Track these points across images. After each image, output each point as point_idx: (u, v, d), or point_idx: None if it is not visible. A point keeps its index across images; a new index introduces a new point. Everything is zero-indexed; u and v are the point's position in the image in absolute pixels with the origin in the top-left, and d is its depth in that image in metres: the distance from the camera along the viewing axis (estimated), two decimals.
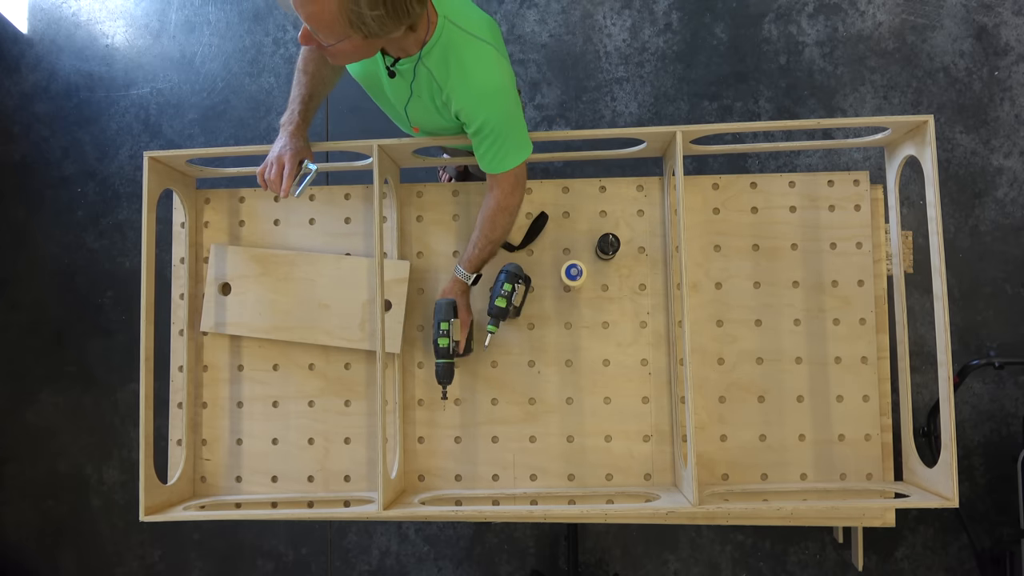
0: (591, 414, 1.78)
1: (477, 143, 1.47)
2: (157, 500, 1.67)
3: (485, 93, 1.37)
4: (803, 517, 1.80)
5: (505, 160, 1.48)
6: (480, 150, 1.48)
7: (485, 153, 1.48)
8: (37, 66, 2.90)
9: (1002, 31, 2.60)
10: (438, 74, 1.37)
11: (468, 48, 1.34)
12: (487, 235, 1.59)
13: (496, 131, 1.43)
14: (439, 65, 1.35)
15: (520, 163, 1.49)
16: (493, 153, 1.47)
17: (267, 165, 1.52)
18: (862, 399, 1.74)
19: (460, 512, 1.67)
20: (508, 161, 1.48)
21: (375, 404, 1.80)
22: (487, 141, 1.45)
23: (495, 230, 1.59)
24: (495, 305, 1.65)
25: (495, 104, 1.39)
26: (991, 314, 2.51)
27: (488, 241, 1.60)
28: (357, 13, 1.13)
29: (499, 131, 1.43)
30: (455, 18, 1.33)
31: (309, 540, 2.61)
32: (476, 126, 1.42)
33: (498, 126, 1.42)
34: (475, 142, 1.48)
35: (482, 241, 1.60)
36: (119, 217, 2.79)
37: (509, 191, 1.53)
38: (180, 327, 1.85)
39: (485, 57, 1.35)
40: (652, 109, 2.67)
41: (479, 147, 1.47)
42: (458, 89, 1.37)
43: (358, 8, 1.12)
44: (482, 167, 1.51)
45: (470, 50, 1.34)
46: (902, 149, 1.69)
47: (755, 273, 1.79)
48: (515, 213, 1.58)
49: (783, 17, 2.67)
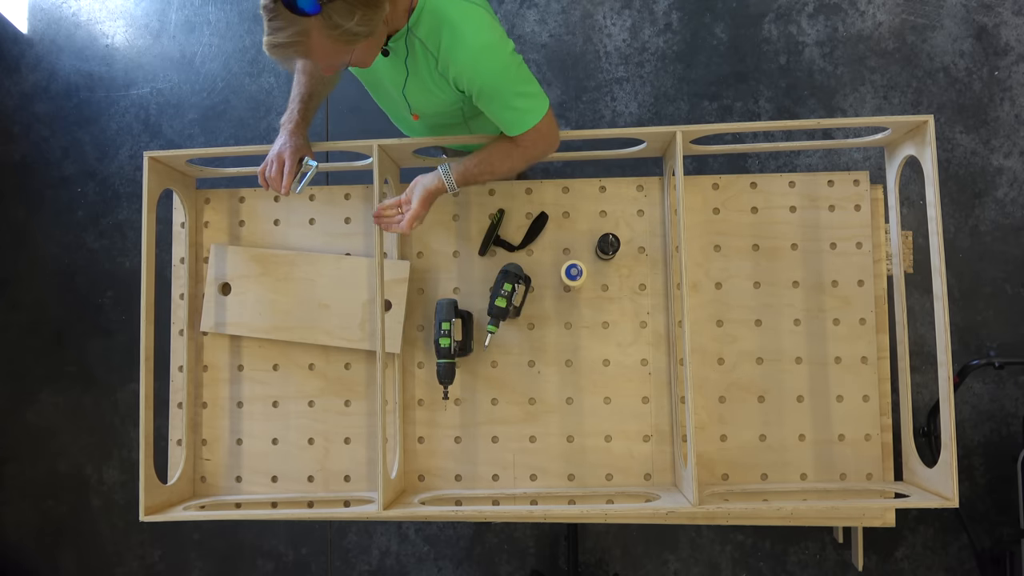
0: (591, 414, 1.78)
1: (490, 108, 1.40)
2: (157, 500, 1.67)
3: (480, 50, 1.32)
4: (803, 517, 1.80)
5: (524, 118, 1.41)
6: (495, 115, 1.42)
7: (502, 117, 1.41)
8: (37, 66, 2.90)
9: (1002, 31, 2.60)
10: (431, 43, 1.33)
11: (455, 9, 1.30)
12: (489, 160, 1.50)
13: (502, 89, 1.36)
14: (430, 33, 1.32)
15: (539, 119, 1.41)
16: (510, 115, 1.40)
17: (267, 163, 1.52)
18: (862, 399, 1.74)
19: (460, 512, 1.67)
20: (527, 119, 1.41)
21: (375, 404, 1.80)
22: (497, 103, 1.38)
23: (503, 162, 1.50)
24: (495, 305, 1.64)
25: (493, 60, 1.33)
26: (991, 314, 2.51)
27: (489, 166, 1.51)
28: (345, 32, 1.14)
29: (505, 88, 1.37)
30: None
31: (309, 540, 2.61)
32: (479, 87, 1.35)
33: (502, 83, 1.36)
34: (487, 108, 1.41)
35: (483, 165, 1.51)
36: (119, 217, 2.79)
37: (530, 144, 1.47)
38: (180, 327, 1.85)
39: (474, 16, 1.31)
40: (652, 109, 2.67)
41: (493, 112, 1.41)
42: (452, 52, 1.32)
43: (342, 28, 1.14)
44: (506, 132, 1.45)
45: (457, 11, 1.30)
46: (902, 149, 1.69)
47: (755, 273, 1.79)
48: (530, 161, 1.50)
49: (783, 17, 2.67)
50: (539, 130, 1.44)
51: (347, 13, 1.12)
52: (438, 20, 1.31)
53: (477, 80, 1.35)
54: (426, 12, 1.30)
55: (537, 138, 1.46)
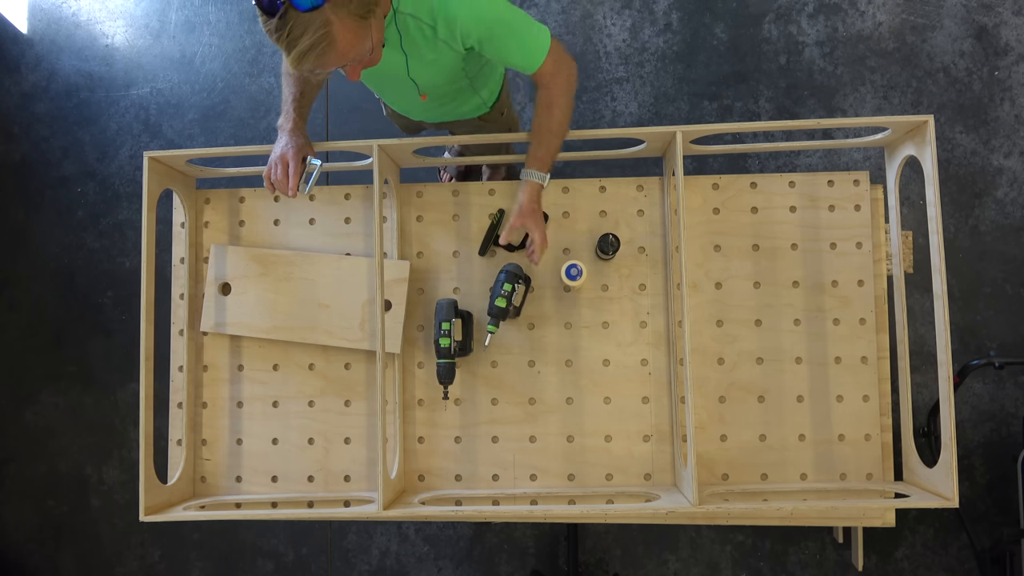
0: (591, 414, 1.78)
1: (498, 50, 1.40)
2: (157, 500, 1.67)
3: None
4: (803, 517, 1.80)
5: (535, 49, 1.41)
6: (506, 55, 1.41)
7: (512, 54, 1.41)
8: (37, 66, 2.90)
9: (1002, 31, 2.60)
10: (423, 13, 1.32)
11: None
12: (548, 128, 1.52)
13: (503, 24, 1.37)
14: (417, 4, 1.31)
15: (549, 45, 1.42)
16: (519, 49, 1.40)
17: (272, 166, 1.52)
18: (862, 399, 1.74)
19: (460, 512, 1.67)
20: (538, 49, 1.41)
21: (375, 404, 1.80)
22: (504, 40, 1.38)
23: (553, 120, 1.51)
24: (495, 305, 1.64)
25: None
26: (991, 314, 2.51)
27: (550, 133, 1.53)
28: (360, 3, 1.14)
29: (506, 22, 1.37)
30: None
31: (309, 540, 2.61)
32: (486, 33, 1.35)
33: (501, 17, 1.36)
34: (494, 51, 1.40)
35: (544, 135, 1.53)
36: (119, 217, 2.79)
37: (551, 76, 1.46)
38: (180, 327, 1.85)
39: None
40: (652, 109, 2.67)
41: (503, 52, 1.41)
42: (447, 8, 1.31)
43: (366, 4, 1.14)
44: (522, 70, 1.44)
45: None
46: (902, 149, 1.69)
47: (755, 273, 1.79)
48: (568, 96, 1.49)
49: (783, 17, 2.67)
50: (554, 56, 1.43)
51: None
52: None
53: (479, 23, 1.34)
54: None
55: (557, 65, 1.45)
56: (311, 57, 1.14)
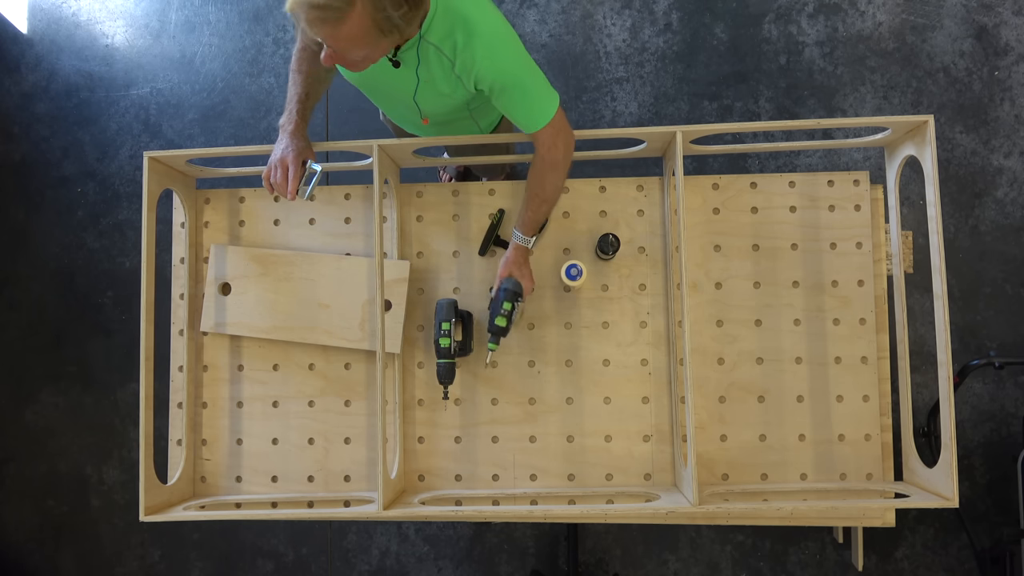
0: (591, 414, 1.78)
1: (506, 103, 1.43)
2: (157, 500, 1.67)
3: (496, 45, 1.34)
4: (803, 517, 1.80)
5: (541, 112, 1.43)
6: (513, 110, 1.44)
7: (518, 111, 1.44)
8: (37, 66, 2.90)
9: (1002, 31, 2.60)
10: (446, 47, 1.33)
11: (466, 8, 1.31)
12: (538, 194, 1.56)
13: (519, 81, 1.39)
14: (444, 37, 1.32)
15: (554, 113, 1.44)
16: (527, 108, 1.43)
17: (271, 168, 1.52)
18: (862, 399, 1.74)
19: (460, 512, 1.67)
20: (543, 113, 1.44)
21: (375, 404, 1.80)
22: (516, 96, 1.41)
23: (544, 187, 1.55)
24: (495, 324, 1.64)
25: (508, 52, 1.36)
26: (991, 314, 2.51)
27: (540, 200, 1.57)
28: (387, 19, 1.13)
29: (522, 80, 1.39)
30: None
31: (309, 540, 2.61)
32: (500, 83, 1.37)
33: (519, 75, 1.39)
34: (503, 103, 1.43)
35: (534, 201, 1.57)
36: (119, 217, 2.79)
37: (550, 144, 1.48)
38: (180, 327, 1.85)
39: (485, 12, 1.33)
40: (652, 109, 2.67)
41: (510, 107, 1.43)
42: (469, 50, 1.32)
43: (386, 13, 1.12)
44: (523, 128, 1.47)
45: (469, 9, 1.31)
46: (902, 149, 1.69)
47: (755, 273, 1.79)
48: (563, 166, 1.52)
49: (783, 17, 2.67)
50: (553, 126, 1.45)
51: (396, 2, 1.11)
52: (451, 20, 1.30)
53: (497, 73, 1.36)
54: (439, 15, 1.30)
55: (553, 135, 1.47)
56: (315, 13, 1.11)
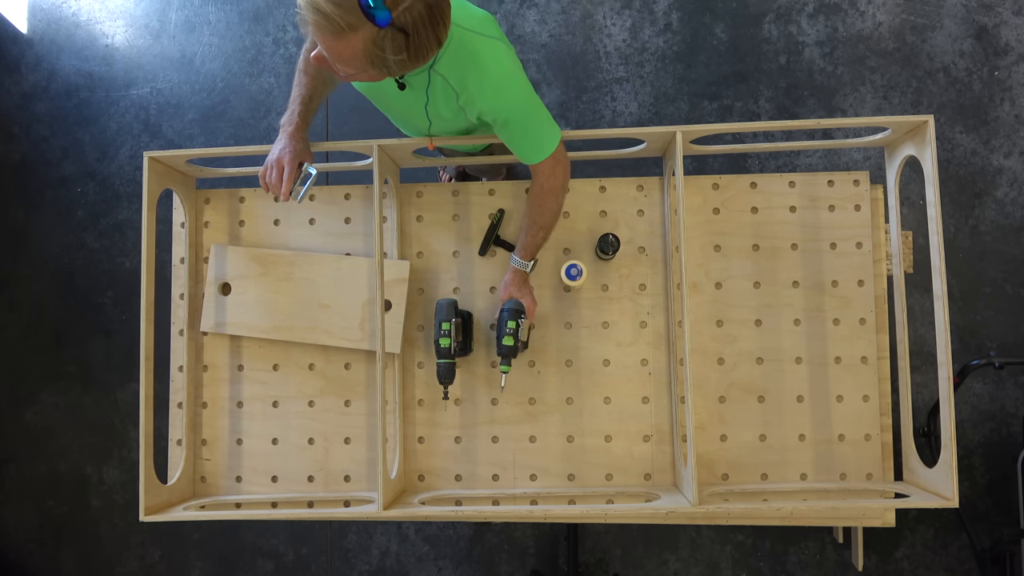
0: (591, 414, 1.78)
1: (509, 138, 1.47)
2: (157, 500, 1.67)
3: (504, 85, 1.37)
4: (803, 517, 1.80)
5: (542, 147, 1.48)
6: (515, 144, 1.48)
7: (520, 146, 1.48)
8: (37, 66, 2.90)
9: (1002, 31, 2.60)
10: (453, 79, 1.36)
11: (478, 46, 1.33)
12: (536, 221, 1.59)
13: (524, 119, 1.43)
14: (452, 70, 1.34)
15: (554, 147, 1.48)
16: (529, 144, 1.47)
17: (267, 168, 1.52)
18: (862, 399, 1.74)
19: (460, 512, 1.67)
20: (544, 148, 1.48)
21: (375, 404, 1.80)
22: (518, 132, 1.45)
23: (543, 214, 1.58)
24: (503, 345, 1.64)
25: (515, 93, 1.39)
26: (991, 314, 2.51)
27: (539, 227, 1.60)
28: (381, 57, 1.12)
29: (526, 119, 1.43)
30: (458, 19, 1.32)
31: (309, 540, 2.61)
32: (503, 119, 1.41)
33: (524, 114, 1.42)
34: (506, 137, 1.47)
35: (533, 228, 1.60)
36: (119, 217, 2.79)
37: (549, 173, 1.52)
38: (180, 327, 1.85)
39: (496, 52, 1.35)
40: (652, 109, 2.67)
41: (512, 142, 1.48)
42: (478, 89, 1.36)
43: (383, 54, 1.12)
44: (523, 160, 1.51)
45: (481, 47, 1.33)
46: (902, 149, 1.69)
47: (755, 273, 1.79)
48: (561, 194, 1.56)
49: (783, 17, 2.67)
50: (556, 158, 1.50)
51: (396, 48, 1.11)
52: (462, 56, 1.32)
53: (503, 111, 1.40)
54: (451, 48, 1.31)
55: (553, 164, 1.51)
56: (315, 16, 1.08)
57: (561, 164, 1.53)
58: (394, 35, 1.09)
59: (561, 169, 1.53)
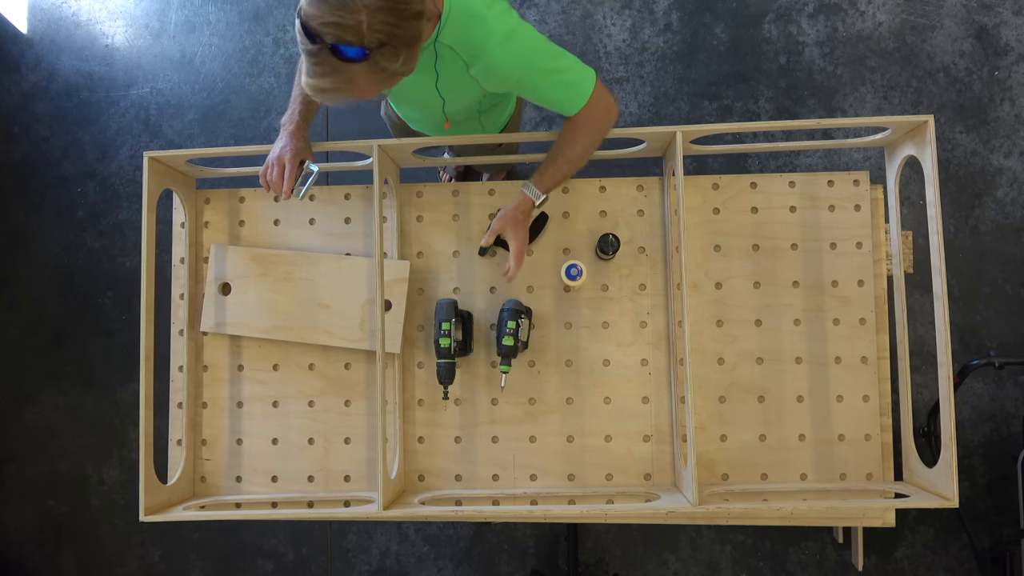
0: (591, 414, 1.78)
1: (536, 93, 1.39)
2: (157, 500, 1.67)
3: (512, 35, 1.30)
4: (803, 517, 1.80)
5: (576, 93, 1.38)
6: (545, 98, 1.40)
7: (553, 98, 1.39)
8: (37, 66, 2.90)
9: (1002, 31, 2.60)
10: (460, 47, 1.31)
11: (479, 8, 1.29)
12: (564, 153, 1.48)
13: (543, 66, 1.35)
14: (458, 37, 1.30)
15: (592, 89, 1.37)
16: (559, 93, 1.38)
17: (268, 166, 1.52)
18: (862, 399, 1.74)
19: (460, 512, 1.67)
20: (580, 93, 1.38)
21: (375, 404, 1.80)
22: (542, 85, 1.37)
23: (573, 147, 1.47)
24: (503, 345, 1.64)
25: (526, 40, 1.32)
26: (991, 314, 2.51)
27: (565, 160, 1.49)
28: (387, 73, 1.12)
29: (546, 65, 1.35)
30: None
31: (309, 540, 2.61)
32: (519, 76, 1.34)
33: (542, 61, 1.35)
34: (533, 94, 1.39)
35: (558, 160, 1.49)
36: (119, 217, 2.79)
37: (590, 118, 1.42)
38: (180, 327, 1.85)
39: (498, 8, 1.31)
40: (652, 109, 2.67)
41: (543, 96, 1.39)
42: (487, 48, 1.30)
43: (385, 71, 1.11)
44: (563, 112, 1.42)
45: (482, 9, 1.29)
46: (902, 149, 1.69)
47: (755, 273, 1.79)
48: (599, 131, 1.45)
49: (783, 17, 2.67)
50: (594, 102, 1.40)
51: (392, 56, 1.10)
52: (465, 21, 1.28)
53: (518, 65, 1.32)
54: (452, 16, 1.28)
55: (594, 110, 1.42)
56: (323, 96, 1.14)
57: (602, 106, 1.42)
58: (380, 53, 1.08)
59: (602, 112, 1.42)
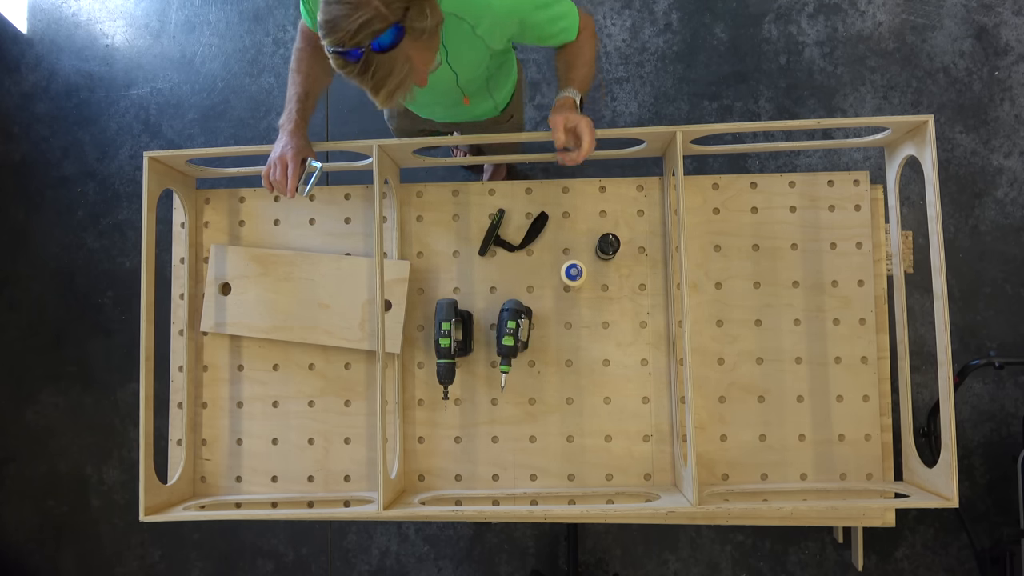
0: (591, 414, 1.78)
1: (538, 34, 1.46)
2: (157, 500, 1.67)
3: None
4: (803, 517, 1.80)
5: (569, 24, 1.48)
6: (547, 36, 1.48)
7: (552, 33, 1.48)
8: (37, 66, 2.90)
9: (1002, 31, 2.60)
10: (465, 12, 1.33)
11: None
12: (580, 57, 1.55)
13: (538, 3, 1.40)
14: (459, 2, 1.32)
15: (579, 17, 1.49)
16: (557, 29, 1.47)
17: (271, 166, 1.52)
18: (862, 399, 1.74)
19: (460, 512, 1.67)
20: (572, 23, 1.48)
21: (375, 404, 1.80)
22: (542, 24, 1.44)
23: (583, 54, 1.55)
24: (504, 345, 1.65)
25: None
26: (991, 314, 2.51)
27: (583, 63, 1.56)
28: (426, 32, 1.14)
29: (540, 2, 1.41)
30: None
31: (309, 540, 2.61)
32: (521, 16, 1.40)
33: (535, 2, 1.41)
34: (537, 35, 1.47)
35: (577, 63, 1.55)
36: (119, 217, 2.79)
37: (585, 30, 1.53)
38: (180, 327, 1.85)
39: None
40: (652, 109, 2.67)
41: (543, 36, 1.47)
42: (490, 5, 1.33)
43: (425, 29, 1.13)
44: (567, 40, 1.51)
45: None
46: (902, 149, 1.69)
47: (755, 273, 1.79)
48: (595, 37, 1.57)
49: (783, 17, 2.67)
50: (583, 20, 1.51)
51: (420, 13, 1.12)
52: None
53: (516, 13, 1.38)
54: None
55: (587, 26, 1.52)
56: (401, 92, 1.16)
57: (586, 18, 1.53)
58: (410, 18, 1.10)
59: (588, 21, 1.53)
